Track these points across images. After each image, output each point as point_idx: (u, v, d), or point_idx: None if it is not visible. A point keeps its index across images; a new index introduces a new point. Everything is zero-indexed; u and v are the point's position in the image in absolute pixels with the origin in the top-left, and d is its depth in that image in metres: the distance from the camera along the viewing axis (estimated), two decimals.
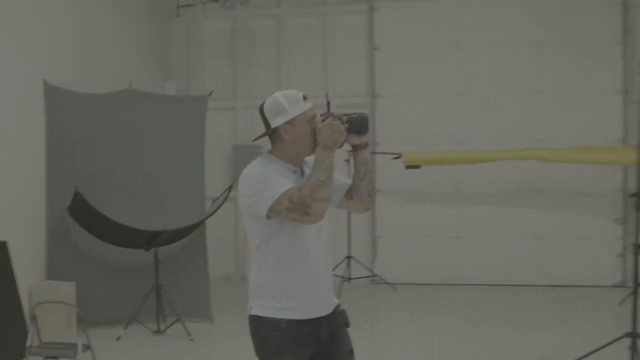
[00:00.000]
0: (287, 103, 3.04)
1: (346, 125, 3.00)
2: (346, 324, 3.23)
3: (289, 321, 3.04)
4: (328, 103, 3.35)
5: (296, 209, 2.88)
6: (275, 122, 3.05)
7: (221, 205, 7.41)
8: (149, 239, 6.94)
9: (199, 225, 7.46)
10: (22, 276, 6.44)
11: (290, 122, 3.03)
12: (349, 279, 9.20)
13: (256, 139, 3.35)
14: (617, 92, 9.33)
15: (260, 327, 3.08)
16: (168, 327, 7.05)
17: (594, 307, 8.31)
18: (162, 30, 10.25)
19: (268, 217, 2.96)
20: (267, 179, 2.95)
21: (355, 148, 3.17)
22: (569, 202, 9.44)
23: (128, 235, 6.92)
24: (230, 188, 7.32)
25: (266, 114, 3.09)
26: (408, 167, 8.76)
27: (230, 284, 9.70)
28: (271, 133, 3.09)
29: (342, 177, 3.26)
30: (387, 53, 9.78)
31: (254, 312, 3.10)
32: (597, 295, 8.81)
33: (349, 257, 9.29)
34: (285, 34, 10.19)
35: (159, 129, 7.72)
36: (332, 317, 3.17)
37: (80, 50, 7.79)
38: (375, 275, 9.48)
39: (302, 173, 3.12)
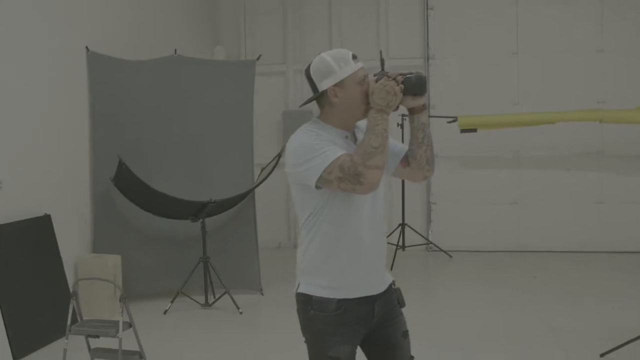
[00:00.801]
0: (336, 63, 2.71)
1: (401, 86, 2.66)
2: (401, 303, 2.90)
3: (340, 301, 2.71)
4: (382, 61, 2.91)
5: (348, 178, 2.55)
6: (323, 85, 2.72)
7: (270, 172, 6.90)
8: (196, 210, 6.48)
9: (247, 194, 6.95)
10: (67, 250, 6.07)
11: (339, 84, 2.70)
12: (403, 246, 8.66)
13: (303, 103, 2.94)
14: None
15: (307, 306, 2.76)
16: (216, 300, 6.60)
17: None
18: None
19: (317, 187, 2.63)
20: (315, 147, 2.63)
21: (412, 111, 2.81)
22: (632, 164, 8.78)
23: (174, 206, 6.46)
24: (279, 155, 6.83)
25: (313, 76, 2.76)
26: (463, 130, 8.22)
27: (281, 253, 9.25)
28: (319, 97, 2.77)
29: (398, 143, 2.91)
30: (441, 12, 9.11)
31: (301, 290, 2.78)
32: None
33: (402, 225, 8.73)
34: None
35: (205, 95, 7.21)
36: (386, 295, 2.84)
37: (124, 15, 7.31)
38: (430, 243, 8.90)
39: (354, 139, 2.79)
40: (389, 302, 2.84)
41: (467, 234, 9.01)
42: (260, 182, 6.95)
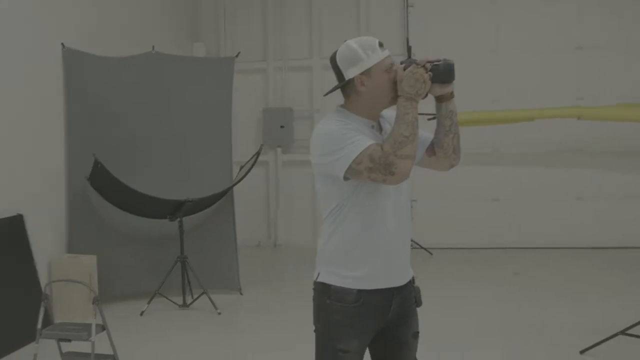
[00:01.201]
0: (363, 51, 2.62)
1: (430, 73, 2.58)
2: (418, 302, 2.82)
3: (360, 292, 2.63)
4: (409, 49, 2.64)
5: (379, 168, 2.48)
6: (349, 73, 2.63)
7: (249, 170, 6.69)
8: (173, 209, 6.28)
9: (226, 193, 6.74)
10: (41, 250, 5.84)
11: (366, 72, 2.61)
12: None
13: (328, 92, 2.80)
14: None
15: (325, 296, 2.67)
16: (194, 300, 6.39)
17: (636, 270, 7.59)
18: None
19: (346, 178, 2.55)
20: (344, 136, 2.53)
21: (440, 99, 2.71)
22: (609, 161, 8.69)
23: (151, 205, 6.25)
24: (259, 152, 6.68)
25: (339, 64, 2.67)
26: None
27: (260, 252, 9.06)
28: (345, 85, 2.67)
29: (423, 132, 2.79)
30: (421, 10, 8.95)
31: (321, 279, 2.70)
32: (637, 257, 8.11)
33: None
34: None
35: (183, 92, 6.99)
36: (405, 291, 2.76)
37: (101, 11, 7.07)
38: (410, 240, 8.70)
39: (380, 128, 2.71)
40: (407, 299, 2.76)
41: (447, 231, 8.87)
42: (239, 180, 6.75)
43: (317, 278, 2.71)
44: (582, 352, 4.81)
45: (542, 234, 8.74)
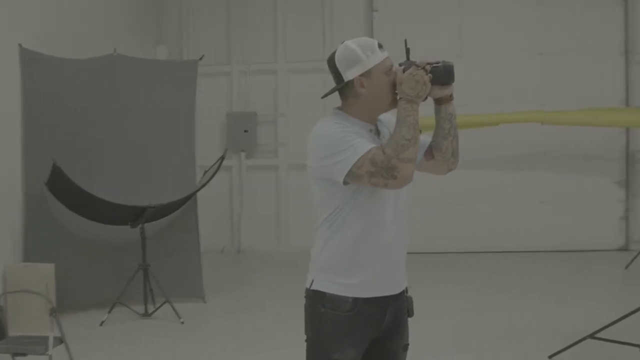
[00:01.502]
0: (363, 52, 2.54)
1: (430, 75, 2.51)
2: (410, 312, 2.74)
3: (355, 300, 2.55)
4: (407, 50, 2.67)
5: (380, 172, 2.41)
6: (349, 75, 2.53)
7: (213, 175, 6.51)
8: (135, 215, 6.05)
9: (189, 199, 6.53)
10: None
11: (366, 74, 2.53)
12: None
13: (326, 94, 2.66)
14: (619, 53, 8.63)
15: (319, 304, 2.58)
16: (156, 309, 6.15)
17: (600, 273, 7.62)
18: None
19: (345, 182, 2.47)
20: (343, 139, 2.45)
21: (439, 101, 2.63)
22: (572, 165, 8.74)
23: (111, 211, 6.02)
24: (223, 157, 6.50)
25: (338, 65, 2.56)
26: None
27: (224, 258, 8.85)
28: (344, 87, 2.57)
29: (422, 135, 2.66)
30: (386, 15, 8.87)
31: (315, 287, 2.60)
32: (602, 260, 8.14)
33: None
34: None
35: (146, 96, 6.76)
36: (400, 300, 2.68)
37: (61, 11, 6.81)
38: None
39: (378, 132, 2.62)
40: (400, 309, 2.68)
41: (413, 235, 8.73)
42: (203, 185, 6.56)
43: (310, 285, 2.61)
44: (550, 357, 4.73)
45: (506, 237, 8.69)
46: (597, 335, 4.70)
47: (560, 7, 8.64)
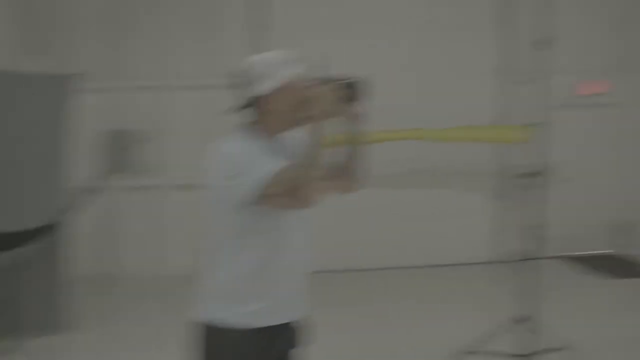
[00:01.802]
0: (272, 67, 2.48)
1: (340, 92, 2.47)
2: (298, 343, 2.67)
3: (252, 330, 2.47)
4: (321, 67, 2.63)
5: (287, 193, 2.35)
6: (257, 90, 2.46)
7: (90, 197, 6.09)
8: None
9: (53, 224, 6.02)
10: None
11: (274, 90, 2.47)
12: None
13: (232, 110, 2.55)
14: (492, 73, 9.04)
15: (213, 338, 2.48)
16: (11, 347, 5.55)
17: (471, 287, 7.88)
18: None
19: (249, 203, 2.39)
20: (248, 158, 2.39)
21: (347, 119, 2.61)
22: (444, 181, 9.05)
23: None
24: (101, 177, 6.09)
25: (245, 79, 2.48)
26: None
27: (98, 284, 8.07)
28: (250, 103, 2.50)
29: (329, 153, 2.65)
30: (280, 32, 8.55)
31: (205, 319, 2.50)
32: (472, 273, 8.46)
33: None
34: (166, 6, 8.89)
35: (6, 113, 6.19)
36: (292, 329, 2.62)
37: None
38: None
39: (285, 150, 2.53)
40: (292, 339, 2.64)
41: None
42: (77, 208, 6.05)
43: (200, 317, 2.50)
44: None
45: (387, 255, 8.81)
46: (482, 349, 4.79)
47: (436, 30, 8.94)
